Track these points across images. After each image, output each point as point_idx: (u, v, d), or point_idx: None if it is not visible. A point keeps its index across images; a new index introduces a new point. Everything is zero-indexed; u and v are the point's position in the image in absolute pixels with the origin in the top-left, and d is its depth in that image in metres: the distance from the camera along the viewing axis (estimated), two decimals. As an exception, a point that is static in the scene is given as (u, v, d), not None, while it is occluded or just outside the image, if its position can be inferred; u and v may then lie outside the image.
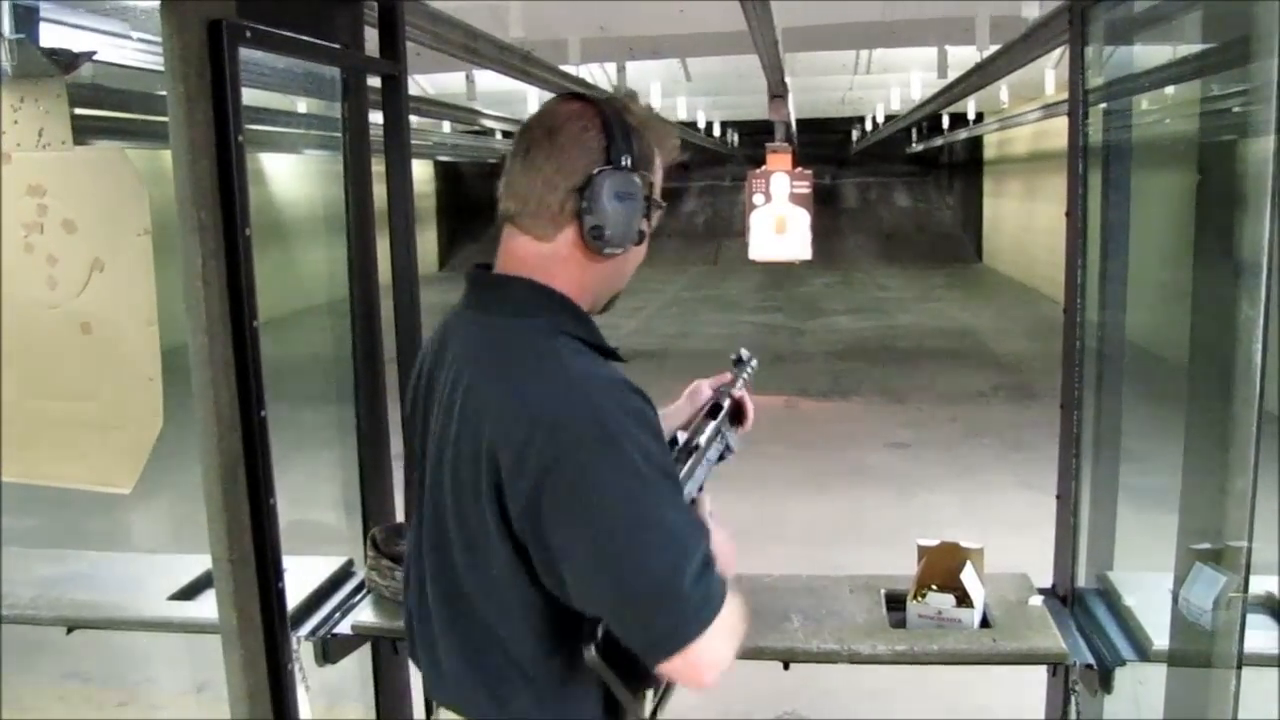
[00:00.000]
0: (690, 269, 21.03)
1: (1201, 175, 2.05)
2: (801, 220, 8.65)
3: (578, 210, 1.37)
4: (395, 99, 2.43)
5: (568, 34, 7.51)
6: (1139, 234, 2.38)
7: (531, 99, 11.61)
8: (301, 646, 2.17)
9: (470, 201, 25.85)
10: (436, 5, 4.93)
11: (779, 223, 8.68)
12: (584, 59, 7.99)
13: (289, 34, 1.88)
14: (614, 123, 1.39)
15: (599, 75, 9.92)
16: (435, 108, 9.91)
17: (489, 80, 8.49)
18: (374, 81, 2.44)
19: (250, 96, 1.78)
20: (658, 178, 1.47)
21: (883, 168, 24.66)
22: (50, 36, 2.42)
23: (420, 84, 10.67)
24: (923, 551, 2.21)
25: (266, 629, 1.83)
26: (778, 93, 7.99)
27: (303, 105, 11.11)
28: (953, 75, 8.76)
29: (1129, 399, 2.37)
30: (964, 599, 2.08)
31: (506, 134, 16.50)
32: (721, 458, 1.72)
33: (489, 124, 11.98)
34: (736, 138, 21.96)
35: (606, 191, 1.36)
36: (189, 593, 2.40)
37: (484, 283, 1.46)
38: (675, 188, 25.49)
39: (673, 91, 12.10)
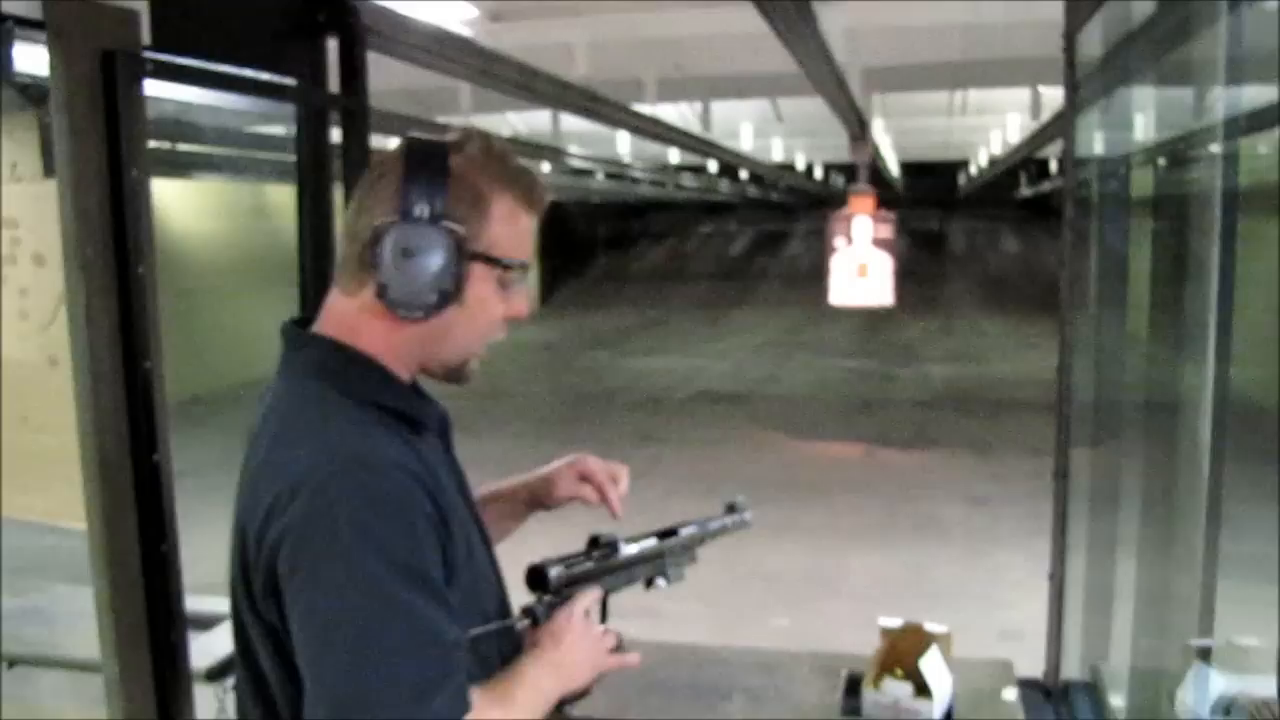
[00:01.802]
0: (788, 312, 20.77)
1: None
2: (884, 265, 8.44)
3: (372, 265, 1.25)
4: (356, 133, 2.36)
5: (641, 72, 7.45)
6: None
7: (623, 139, 11.66)
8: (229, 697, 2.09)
9: (572, 239, 26.06)
10: (489, 42, 4.92)
11: (861, 268, 8.49)
12: (661, 98, 7.90)
13: (205, 65, 1.82)
14: (417, 170, 1.25)
15: (685, 116, 9.85)
16: (515, 146, 9.88)
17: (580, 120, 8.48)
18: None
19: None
20: (497, 229, 1.28)
21: (991, 212, 24.15)
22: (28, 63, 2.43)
23: (511, 123, 10.74)
24: (886, 633, 2.03)
25: (158, 681, 1.74)
26: (857, 134, 7.82)
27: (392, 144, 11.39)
28: (1046, 116, 8.46)
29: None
30: (923, 689, 1.90)
31: (611, 175, 16.63)
32: (649, 584, 1.57)
33: (576, 163, 11.97)
34: (842, 180, 21.71)
35: (390, 247, 1.23)
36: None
37: (290, 339, 1.34)
38: (777, 231, 25.36)
39: (765, 132, 11.99)
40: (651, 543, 1.56)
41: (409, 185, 1.24)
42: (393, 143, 1.34)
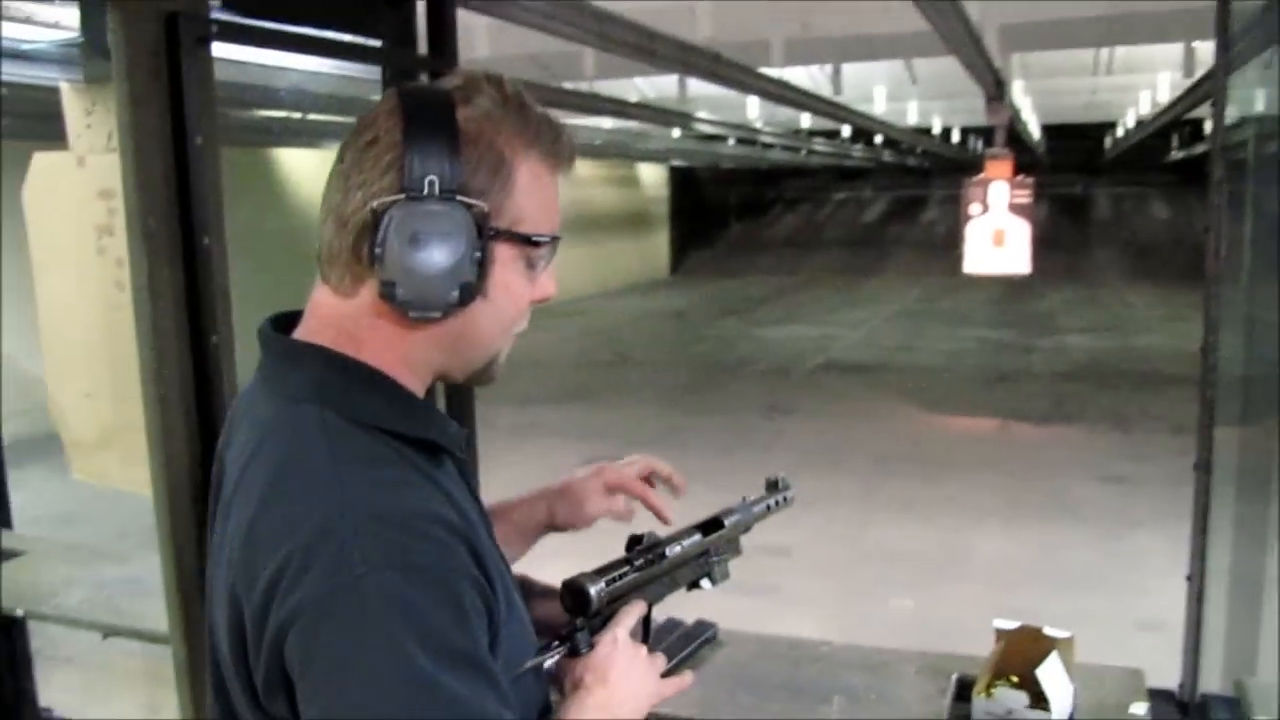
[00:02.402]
0: (923, 280, 20.27)
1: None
2: (1021, 232, 8.10)
3: (373, 257, 0.99)
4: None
5: (768, 34, 7.23)
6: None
7: (752, 104, 11.44)
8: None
9: (703, 206, 25.87)
10: (607, 5, 4.80)
11: (997, 235, 8.16)
12: (788, 61, 7.68)
13: (279, 27, 1.74)
14: (419, 131, 0.99)
15: (815, 78, 9.59)
16: (642, 111, 9.78)
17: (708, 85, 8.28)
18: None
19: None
20: (523, 199, 1.04)
21: (1140, 177, 23.05)
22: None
23: (639, 87, 10.62)
24: (1000, 635, 1.87)
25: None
26: (994, 95, 7.47)
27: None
28: (1200, 73, 7.96)
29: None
30: (1040, 699, 1.74)
31: (742, 140, 16.40)
32: (692, 587, 1.40)
33: (705, 129, 11.80)
34: (981, 144, 21.01)
35: (394, 234, 0.97)
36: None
37: (275, 349, 1.08)
38: (913, 197, 24.73)
39: (900, 95, 11.61)
40: (696, 539, 1.39)
41: (410, 152, 0.98)
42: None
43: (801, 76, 9.38)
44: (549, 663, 1.15)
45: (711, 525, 1.44)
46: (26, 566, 2.55)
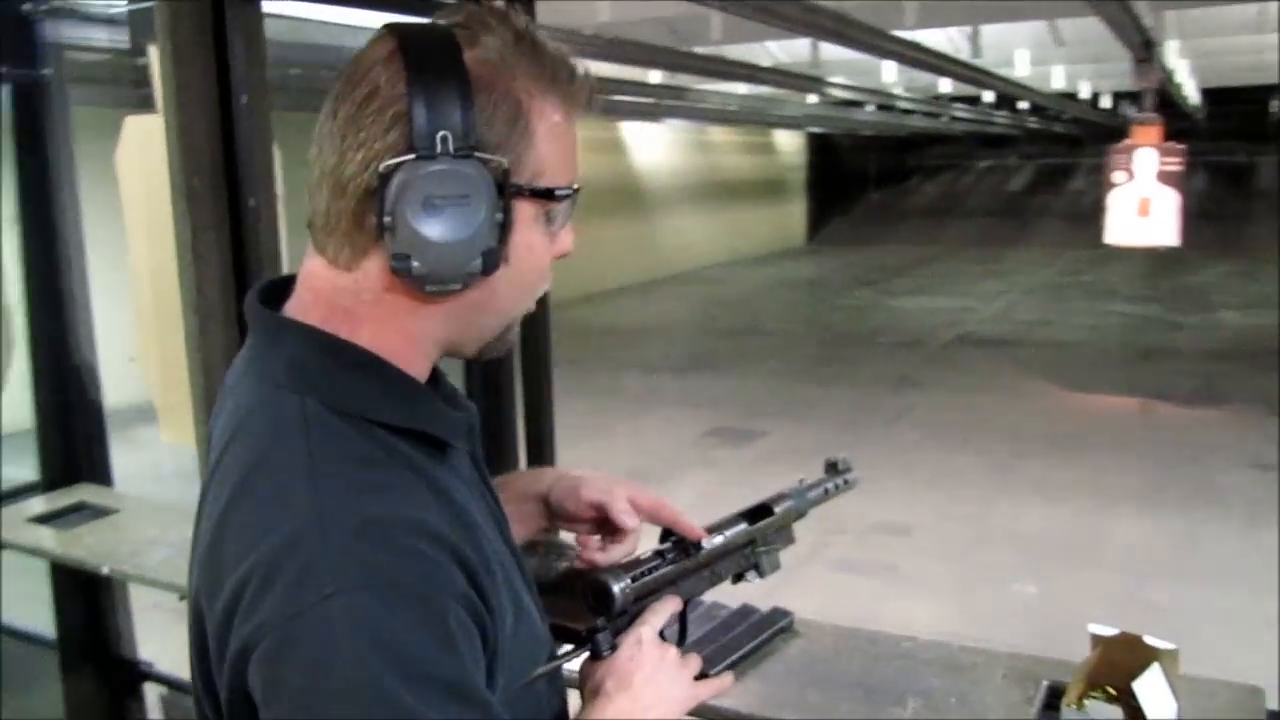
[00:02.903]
0: (1068, 252, 19.50)
1: None
2: (1169, 201, 7.65)
3: (379, 227, 0.87)
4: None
5: (901, -6, 6.97)
6: None
7: (889, 68, 11.09)
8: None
9: (841, 173, 25.40)
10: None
11: (1142, 204, 7.73)
12: (922, 23, 7.40)
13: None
14: (424, 79, 0.86)
15: (953, 41, 9.23)
16: (773, 75, 9.56)
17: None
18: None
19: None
20: (544, 149, 0.92)
21: (1312, 144, 21.70)
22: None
23: (771, 51, 10.41)
24: (1096, 641, 1.71)
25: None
26: (1142, 57, 7.06)
27: (654, 76, 11.26)
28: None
29: None
30: (1137, 714, 1.58)
31: (880, 106, 15.98)
32: (738, 579, 1.29)
33: (838, 94, 11.50)
34: (1135, 110, 20.06)
35: (406, 199, 0.85)
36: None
37: (257, 324, 0.96)
38: (1060, 165, 23.80)
39: (1044, 59, 11.11)
40: (740, 528, 1.28)
41: (417, 104, 0.85)
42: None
43: (939, 39, 9.05)
44: (566, 667, 1.06)
45: (759, 512, 1.33)
46: (117, 524, 2.59)
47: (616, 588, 1.08)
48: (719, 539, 1.22)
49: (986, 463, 7.25)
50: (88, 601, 2.84)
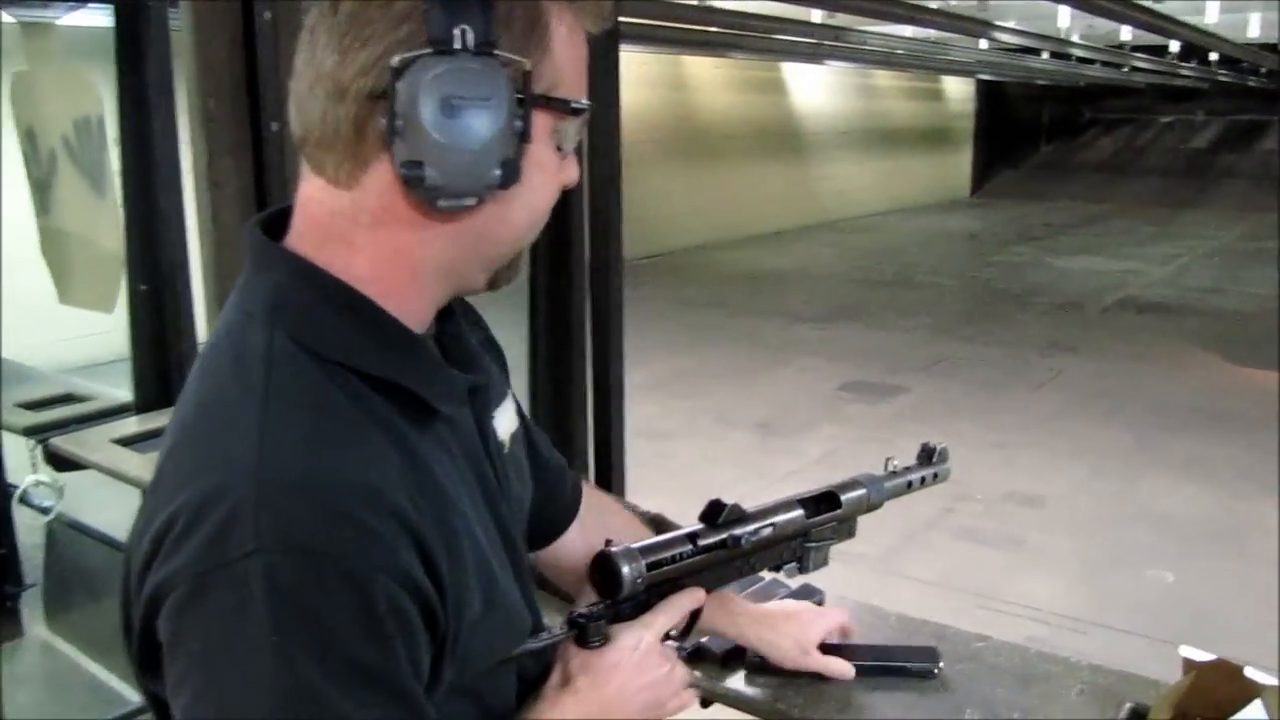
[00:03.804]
0: (1254, 216, 18.29)
1: None
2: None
3: (385, 132, 0.79)
4: None
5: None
6: None
7: (1064, 14, 10.47)
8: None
9: (1012, 124, 24.38)
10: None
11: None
12: (1098, -37, 6.90)
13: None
14: None
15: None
16: (938, 17, 9.12)
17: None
18: None
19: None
20: (562, 59, 0.84)
21: None
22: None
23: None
24: (1189, 666, 1.50)
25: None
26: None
27: (816, 15, 10.89)
28: None
29: None
30: (1227, 753, 1.38)
31: (1056, 55, 15.19)
32: (777, 569, 1.17)
33: (1009, 40, 10.94)
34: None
35: (426, 97, 0.76)
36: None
37: (251, 250, 0.88)
38: (1253, 122, 22.32)
39: (1238, 5, 10.32)
40: (794, 517, 1.13)
41: None
42: None
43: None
44: (552, 641, 0.95)
45: (823, 501, 1.18)
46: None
47: (626, 570, 0.97)
48: (768, 530, 1.10)
49: (1135, 436, 6.84)
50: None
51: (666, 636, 1.01)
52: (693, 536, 1.05)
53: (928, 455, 1.32)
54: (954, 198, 22.78)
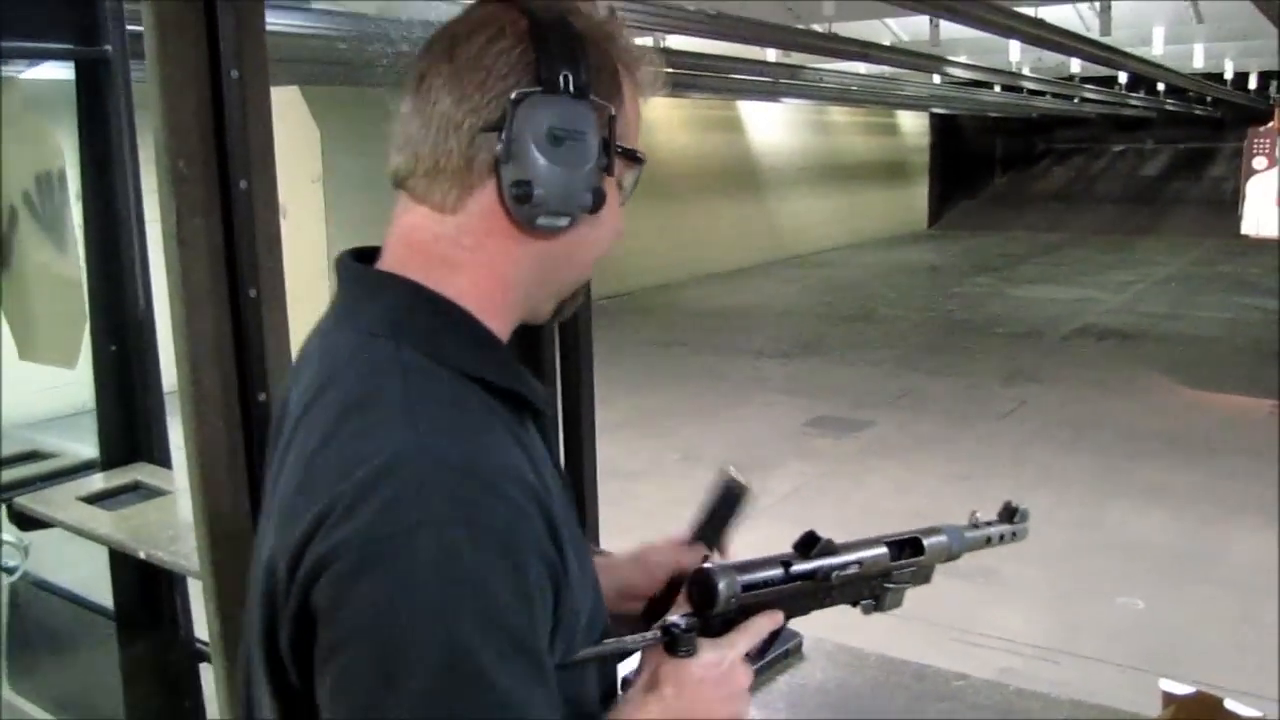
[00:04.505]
0: (1208, 241, 18.61)
1: None
2: (1314, 191, 7.19)
3: (493, 160, 0.90)
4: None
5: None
6: None
7: (1015, 48, 10.66)
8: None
9: (967, 156, 24.72)
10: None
11: (1284, 193, 7.29)
12: (1047, -1, 7.05)
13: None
14: (547, 27, 0.91)
15: (1084, 18, 8.79)
16: (891, 54, 9.25)
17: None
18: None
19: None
20: (629, 113, 0.97)
21: None
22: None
23: (891, 29, 10.10)
24: (1169, 700, 1.51)
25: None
26: (1287, 36, 6.60)
27: (771, 54, 11.02)
28: None
29: None
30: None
31: (1007, 87, 15.43)
32: (854, 604, 1.17)
33: (961, 74, 11.11)
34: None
35: (537, 127, 0.89)
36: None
37: (352, 280, 0.98)
38: (1200, 150, 22.76)
39: (1182, 37, 10.55)
40: (879, 554, 1.15)
41: (542, 45, 0.90)
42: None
43: (1069, 15, 8.64)
44: (643, 645, 0.99)
45: (907, 545, 1.21)
46: (164, 506, 2.55)
47: (722, 585, 1.01)
48: (854, 568, 1.12)
49: (1099, 464, 6.90)
50: (144, 579, 2.82)
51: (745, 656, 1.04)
52: (785, 563, 1.07)
53: (1010, 513, 1.35)
54: (912, 230, 23.02)
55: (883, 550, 1.16)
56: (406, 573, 0.77)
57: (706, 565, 1.04)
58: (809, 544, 1.09)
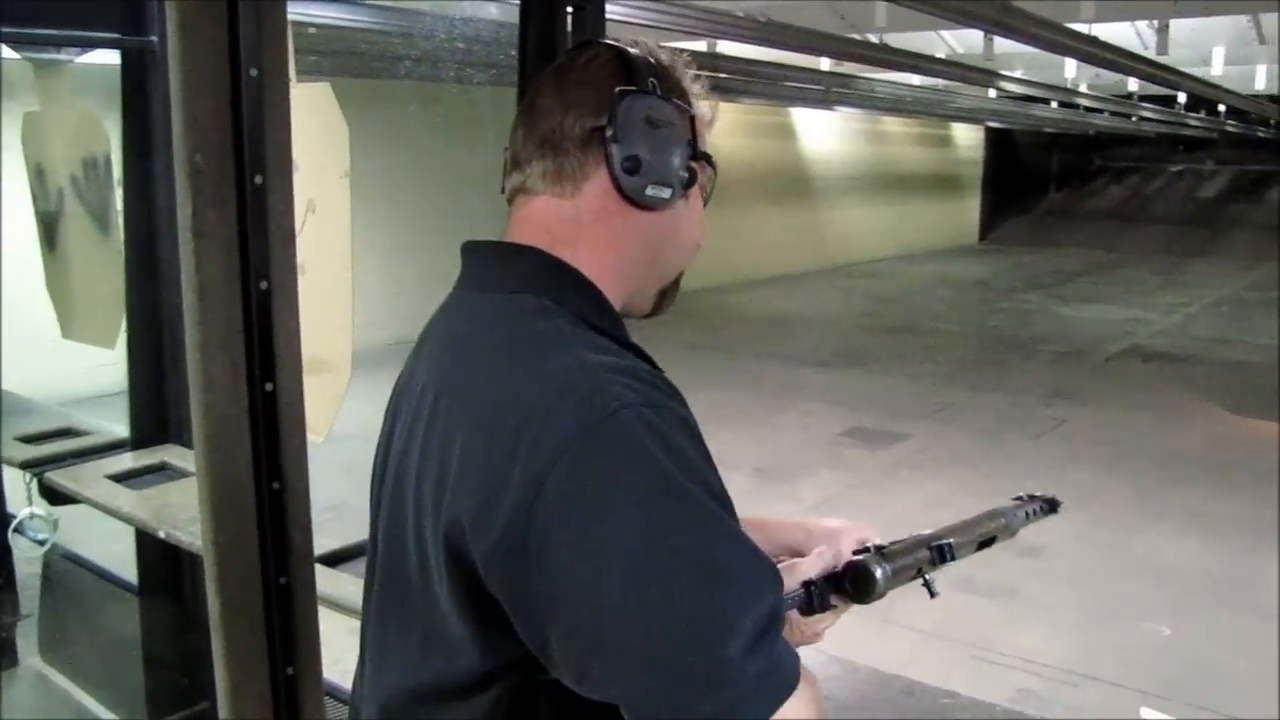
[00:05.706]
0: (1263, 266, 18.30)
1: None
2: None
3: (604, 148, 1.06)
4: (580, 32, 2.08)
5: (1079, -15, 6.56)
6: None
7: (1070, 65, 10.55)
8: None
9: (1021, 170, 24.48)
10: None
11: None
12: (1102, 16, 6.96)
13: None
14: (635, 56, 1.11)
15: (1143, 36, 8.68)
16: (942, 66, 9.19)
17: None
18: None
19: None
20: (703, 127, 1.15)
21: None
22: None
23: (946, 40, 10.03)
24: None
25: (268, 630, 1.61)
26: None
27: (824, 63, 10.98)
28: None
29: None
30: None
31: (1063, 104, 15.28)
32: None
33: (1015, 89, 11.02)
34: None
35: (637, 115, 1.07)
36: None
37: (483, 253, 1.13)
38: (1262, 172, 22.39)
39: (1243, 58, 10.39)
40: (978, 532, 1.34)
41: (633, 63, 1.09)
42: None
43: (1126, 33, 8.55)
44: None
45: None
46: (187, 488, 2.61)
47: (879, 571, 1.16)
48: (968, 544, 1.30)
49: (1136, 487, 6.82)
50: (165, 557, 2.88)
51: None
52: (913, 551, 1.23)
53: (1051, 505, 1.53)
54: (962, 244, 22.84)
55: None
56: (629, 449, 0.88)
57: (862, 558, 1.17)
58: (930, 544, 1.24)
